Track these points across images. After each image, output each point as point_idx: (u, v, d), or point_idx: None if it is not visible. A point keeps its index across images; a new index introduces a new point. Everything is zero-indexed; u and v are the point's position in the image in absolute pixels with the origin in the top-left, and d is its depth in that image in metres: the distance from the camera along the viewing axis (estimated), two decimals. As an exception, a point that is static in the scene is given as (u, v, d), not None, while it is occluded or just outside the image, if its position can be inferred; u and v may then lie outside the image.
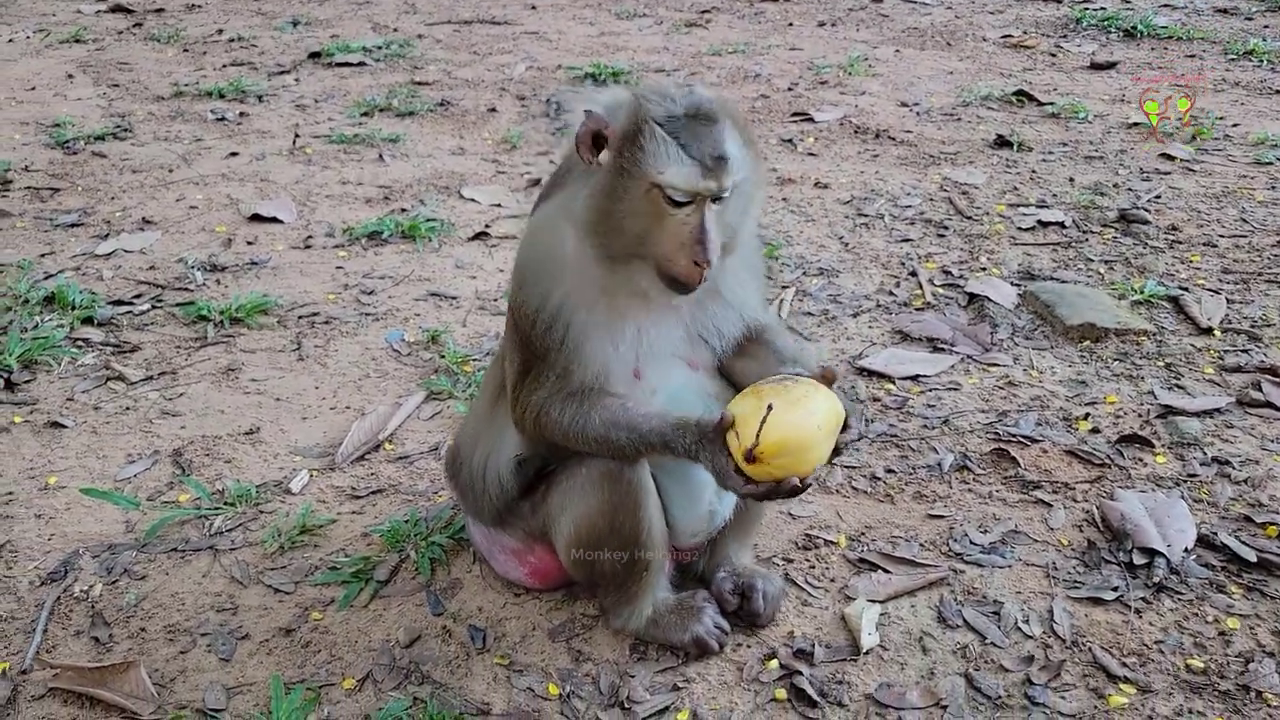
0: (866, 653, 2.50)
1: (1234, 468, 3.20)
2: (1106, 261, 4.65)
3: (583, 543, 2.37)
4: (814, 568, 2.82)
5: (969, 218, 5.19)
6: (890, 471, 3.23)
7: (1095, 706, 2.35)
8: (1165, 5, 10.29)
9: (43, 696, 2.40)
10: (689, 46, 9.17)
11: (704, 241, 2.04)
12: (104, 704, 2.37)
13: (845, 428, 2.14)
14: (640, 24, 10.20)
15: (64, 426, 3.47)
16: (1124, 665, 2.46)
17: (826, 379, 2.13)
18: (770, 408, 2.00)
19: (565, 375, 2.22)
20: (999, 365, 3.83)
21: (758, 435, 2.00)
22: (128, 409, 3.59)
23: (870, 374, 3.76)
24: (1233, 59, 8.24)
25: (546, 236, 2.22)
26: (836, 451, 2.14)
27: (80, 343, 4.00)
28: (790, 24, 10.17)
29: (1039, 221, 5.09)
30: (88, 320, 4.15)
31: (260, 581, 2.78)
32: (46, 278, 4.54)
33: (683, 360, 2.32)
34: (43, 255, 4.81)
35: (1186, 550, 2.81)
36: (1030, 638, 2.55)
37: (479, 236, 5.04)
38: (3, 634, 2.59)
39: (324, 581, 2.76)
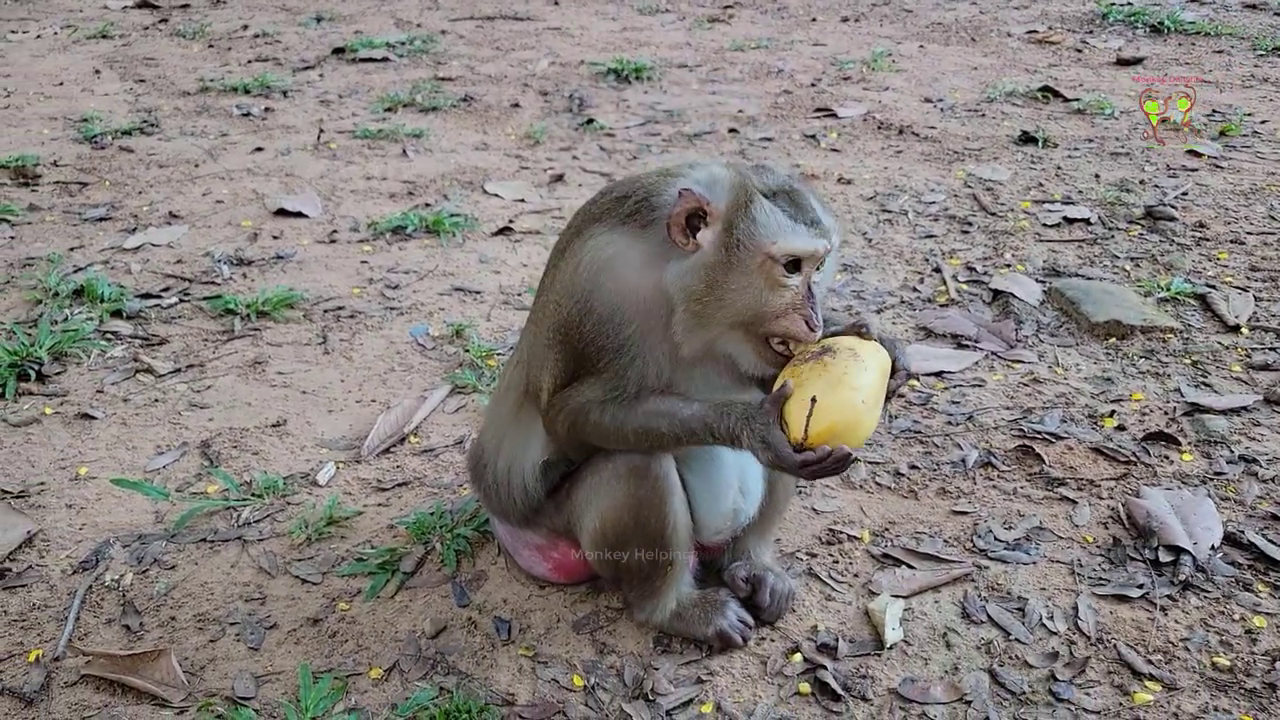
0: (890, 648, 2.51)
1: (1261, 466, 3.18)
2: (1133, 258, 4.63)
3: (608, 537, 2.38)
4: (837, 563, 2.82)
5: (993, 214, 5.17)
6: (914, 467, 3.23)
7: (1120, 703, 2.34)
8: (1193, 0, 10.20)
9: (75, 683, 2.44)
10: (711, 42, 9.16)
11: (814, 304, 2.10)
12: (135, 691, 2.40)
13: (893, 373, 2.16)
14: (663, 19, 10.19)
15: (94, 418, 3.51)
16: (1149, 662, 2.45)
17: (860, 335, 2.16)
18: (814, 400, 2.00)
19: (617, 385, 2.22)
20: (1024, 362, 3.82)
21: (805, 429, 2.01)
22: (156, 401, 3.63)
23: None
24: (1261, 55, 8.16)
25: (622, 273, 2.17)
26: (890, 395, 2.17)
27: (109, 335, 4.05)
28: (814, 19, 10.15)
29: (1064, 218, 5.06)
30: (116, 313, 4.20)
31: (288, 572, 2.80)
32: (76, 271, 4.59)
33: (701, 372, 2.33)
34: (72, 249, 4.86)
35: (1213, 548, 2.80)
36: (1055, 634, 2.55)
37: (503, 231, 5.06)
38: (36, 622, 2.63)
39: (351, 572, 2.79)
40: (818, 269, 2.13)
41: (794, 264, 2.07)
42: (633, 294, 2.16)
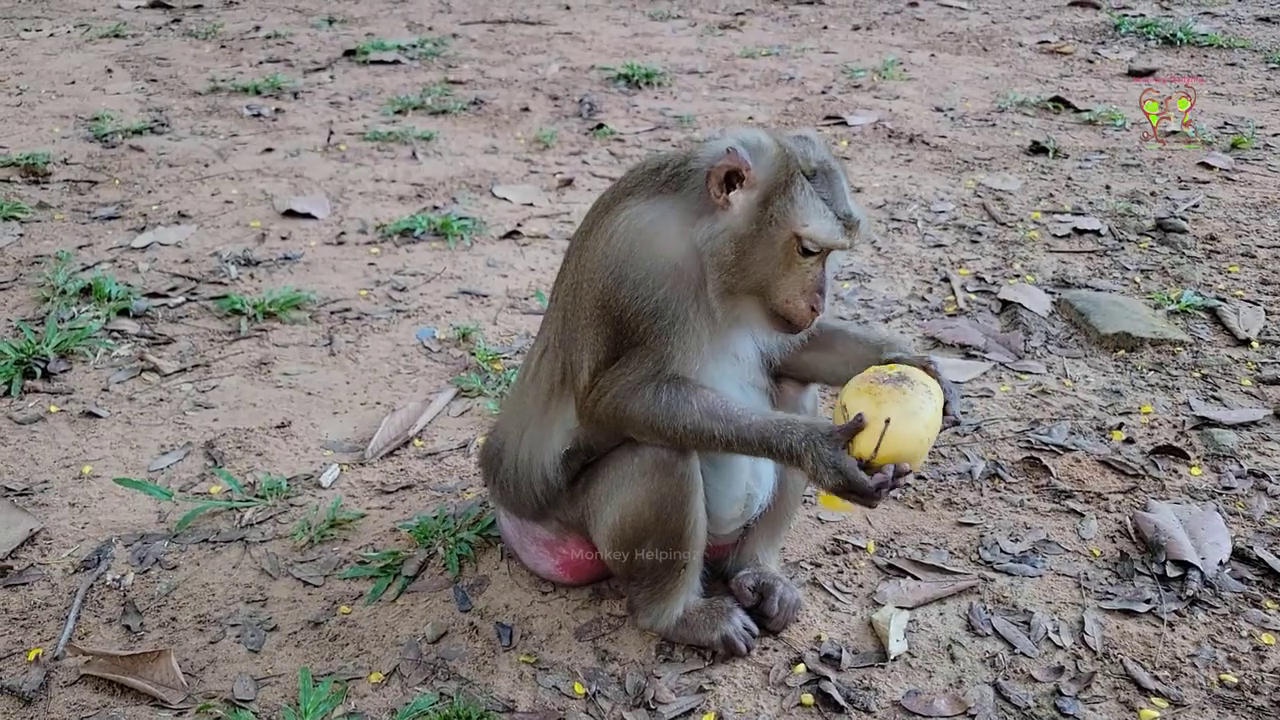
0: (894, 659, 2.49)
1: (1270, 481, 3.15)
2: (1143, 270, 4.60)
3: (626, 533, 2.35)
4: (842, 573, 2.80)
5: (1003, 224, 5.15)
6: (920, 478, 3.21)
7: (1126, 719, 2.32)
8: (1206, 13, 10.17)
9: (74, 683, 2.43)
10: (722, 49, 9.16)
11: (823, 290, 2.18)
12: (134, 692, 2.39)
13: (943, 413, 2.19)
14: (674, 25, 10.19)
15: (99, 417, 3.51)
16: (1155, 678, 2.43)
17: (928, 371, 2.20)
18: (888, 421, 2.04)
19: (663, 362, 2.21)
20: (1032, 373, 3.80)
21: (876, 449, 2.05)
22: (161, 400, 3.62)
23: (901, 379, 3.74)
24: (1274, 68, 8.13)
25: (655, 240, 2.19)
26: None
27: (116, 334, 4.04)
28: (825, 27, 10.14)
29: (1074, 229, 5.04)
30: (123, 312, 4.20)
31: (290, 574, 2.80)
32: (84, 269, 4.59)
33: (733, 355, 2.34)
34: (80, 247, 4.87)
35: (1221, 563, 2.77)
36: (1060, 648, 2.53)
37: (510, 235, 5.05)
38: (37, 620, 2.62)
39: (352, 575, 2.78)
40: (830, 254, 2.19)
41: (818, 249, 2.13)
42: (666, 258, 2.18)
